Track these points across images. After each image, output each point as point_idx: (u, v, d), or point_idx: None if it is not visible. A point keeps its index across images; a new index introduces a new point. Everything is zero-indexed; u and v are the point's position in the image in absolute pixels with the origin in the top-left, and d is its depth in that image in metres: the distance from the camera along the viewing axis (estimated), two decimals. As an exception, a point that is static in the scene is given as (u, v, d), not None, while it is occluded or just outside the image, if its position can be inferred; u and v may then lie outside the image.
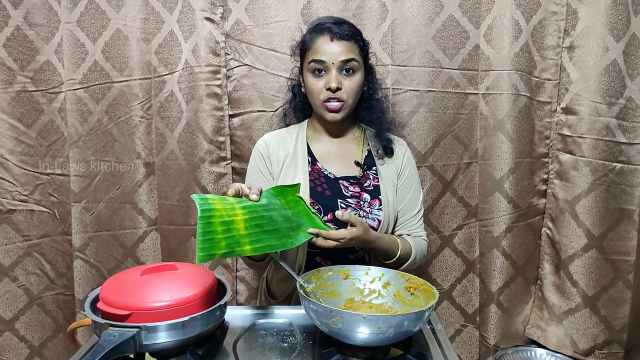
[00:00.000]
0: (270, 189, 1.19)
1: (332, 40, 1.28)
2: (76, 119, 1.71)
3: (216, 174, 1.72)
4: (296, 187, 1.24)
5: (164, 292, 0.95)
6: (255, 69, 1.70)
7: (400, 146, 1.44)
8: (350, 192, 1.35)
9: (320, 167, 1.38)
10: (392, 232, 1.40)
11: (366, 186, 1.37)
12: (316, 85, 1.30)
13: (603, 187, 1.73)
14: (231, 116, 1.73)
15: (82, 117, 1.71)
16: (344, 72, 1.30)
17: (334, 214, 1.29)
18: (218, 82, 1.68)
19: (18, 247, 1.77)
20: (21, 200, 1.75)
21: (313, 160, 1.39)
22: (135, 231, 1.80)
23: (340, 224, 1.24)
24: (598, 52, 1.68)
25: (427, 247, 1.43)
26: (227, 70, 1.69)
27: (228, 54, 1.69)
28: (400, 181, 1.41)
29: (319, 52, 1.29)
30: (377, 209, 1.34)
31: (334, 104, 1.30)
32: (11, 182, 1.74)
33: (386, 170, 1.39)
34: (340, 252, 1.33)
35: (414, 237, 1.40)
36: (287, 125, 1.50)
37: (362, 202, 1.34)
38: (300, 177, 1.34)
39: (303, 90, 1.40)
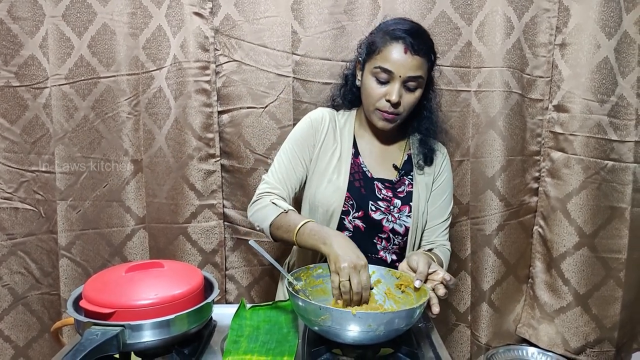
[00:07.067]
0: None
1: (405, 52, 1.22)
2: (62, 115, 1.67)
3: (205, 171, 1.70)
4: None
5: (149, 290, 0.93)
6: (244, 64, 1.67)
7: (440, 154, 1.42)
8: (382, 195, 1.34)
9: (361, 162, 1.36)
10: (420, 240, 1.39)
11: (399, 191, 1.35)
12: (376, 91, 1.26)
13: (595, 185, 1.73)
14: (220, 113, 1.70)
15: (67, 113, 1.68)
16: (406, 86, 1.25)
17: (364, 212, 1.31)
18: (207, 78, 1.65)
19: (2, 245, 1.73)
20: (5, 198, 1.72)
21: (356, 153, 1.37)
22: (122, 229, 1.77)
23: (371, 223, 1.30)
24: (590, 50, 1.67)
25: (450, 257, 1.42)
26: (216, 66, 1.67)
27: (217, 50, 1.67)
28: (435, 185, 1.40)
29: (389, 60, 1.23)
30: (406, 216, 1.33)
31: (389, 115, 1.27)
32: (-5, 180, 1.70)
33: (423, 177, 1.38)
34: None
35: (439, 246, 1.38)
36: (334, 108, 1.46)
37: (392, 207, 1.33)
38: (342, 167, 1.33)
39: (358, 83, 1.35)
